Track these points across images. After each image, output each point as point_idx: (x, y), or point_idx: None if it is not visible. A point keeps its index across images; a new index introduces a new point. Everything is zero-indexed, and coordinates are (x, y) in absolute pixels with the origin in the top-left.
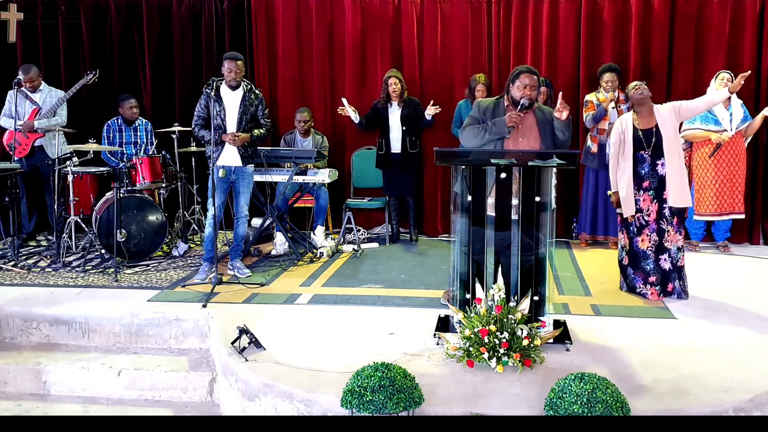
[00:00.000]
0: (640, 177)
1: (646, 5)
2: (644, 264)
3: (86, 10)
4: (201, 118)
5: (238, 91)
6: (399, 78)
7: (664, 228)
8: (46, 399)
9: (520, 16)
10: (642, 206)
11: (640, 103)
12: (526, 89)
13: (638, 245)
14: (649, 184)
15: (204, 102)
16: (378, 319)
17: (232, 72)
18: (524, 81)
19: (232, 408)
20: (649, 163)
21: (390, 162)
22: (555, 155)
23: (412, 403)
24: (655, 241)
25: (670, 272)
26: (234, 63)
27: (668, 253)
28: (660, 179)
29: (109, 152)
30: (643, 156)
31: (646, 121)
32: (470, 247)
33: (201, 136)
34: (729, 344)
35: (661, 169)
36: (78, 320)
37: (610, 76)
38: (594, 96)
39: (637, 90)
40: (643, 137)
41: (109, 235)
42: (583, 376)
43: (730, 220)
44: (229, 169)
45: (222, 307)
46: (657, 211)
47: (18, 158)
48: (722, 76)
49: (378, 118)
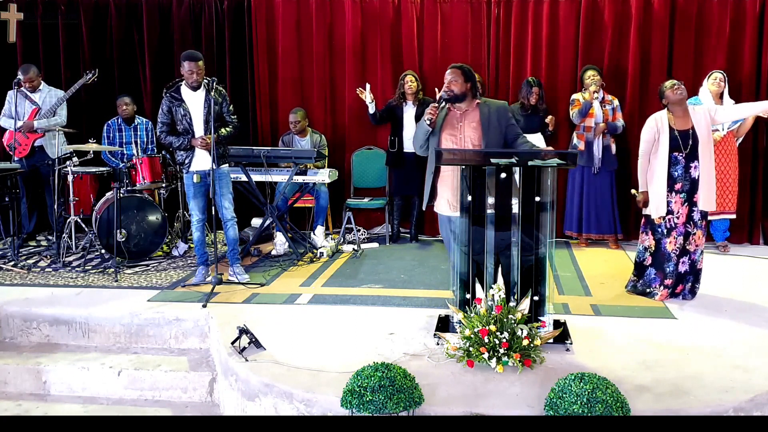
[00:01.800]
0: (673, 179)
1: (646, 5)
2: (666, 266)
3: (86, 10)
4: (165, 124)
5: (200, 91)
6: (416, 77)
7: (690, 231)
8: (46, 399)
9: (520, 16)
10: (673, 208)
11: (678, 103)
12: (447, 83)
13: (666, 247)
14: (682, 187)
15: (166, 107)
16: (378, 319)
17: (194, 73)
18: (445, 77)
19: (232, 408)
20: (683, 165)
21: (401, 161)
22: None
23: (412, 403)
24: (680, 245)
25: (685, 275)
26: (194, 63)
27: (688, 256)
28: (692, 182)
29: (109, 152)
30: (677, 158)
31: (682, 121)
32: (470, 247)
33: (169, 142)
34: (729, 344)
35: (694, 171)
36: (78, 320)
37: (592, 72)
38: (580, 95)
39: (677, 90)
40: (680, 138)
41: (109, 235)
42: (583, 376)
43: (726, 220)
44: (203, 173)
45: (222, 307)
46: (686, 214)
47: (18, 158)
48: (715, 76)
49: (392, 116)
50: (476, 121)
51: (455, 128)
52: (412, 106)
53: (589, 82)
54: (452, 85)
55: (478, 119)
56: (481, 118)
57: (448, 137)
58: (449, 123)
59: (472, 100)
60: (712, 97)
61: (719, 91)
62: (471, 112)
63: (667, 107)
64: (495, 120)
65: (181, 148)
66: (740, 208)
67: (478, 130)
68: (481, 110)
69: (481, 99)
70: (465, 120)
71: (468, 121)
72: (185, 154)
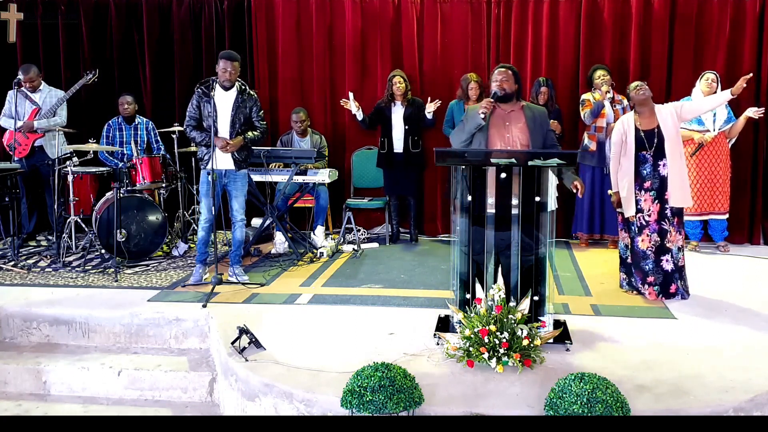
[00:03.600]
0: (642, 177)
1: (646, 5)
2: (643, 264)
3: (86, 10)
4: (193, 119)
5: (232, 91)
6: (404, 77)
7: (666, 228)
8: (46, 399)
9: (520, 16)
10: (643, 206)
11: (642, 103)
12: (498, 82)
13: (638, 245)
14: (651, 185)
15: (196, 102)
16: (378, 319)
17: (227, 72)
18: (495, 77)
19: (232, 408)
20: (651, 164)
21: (392, 161)
22: (555, 155)
23: (412, 403)
24: (656, 242)
25: (672, 273)
26: (230, 63)
27: (670, 254)
28: (662, 180)
29: (108, 153)
30: (645, 156)
31: (648, 121)
32: (470, 247)
33: (192, 137)
34: (729, 344)
35: (662, 169)
36: (78, 320)
37: (602, 72)
38: (590, 95)
39: (639, 90)
40: (645, 138)
41: (109, 235)
42: (583, 376)
43: (724, 220)
44: (219, 173)
45: (222, 307)
46: (658, 211)
47: (18, 158)
48: (707, 77)
49: (381, 117)
50: (523, 122)
51: (503, 128)
52: (401, 107)
53: (600, 81)
54: (504, 84)
55: (524, 121)
56: (527, 120)
57: (496, 135)
58: (495, 123)
59: (517, 101)
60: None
61: (711, 92)
62: (516, 113)
63: (634, 108)
64: (539, 124)
65: (203, 144)
66: (740, 209)
67: (525, 131)
68: (525, 112)
69: (525, 102)
70: (512, 121)
71: (515, 121)
72: (205, 150)
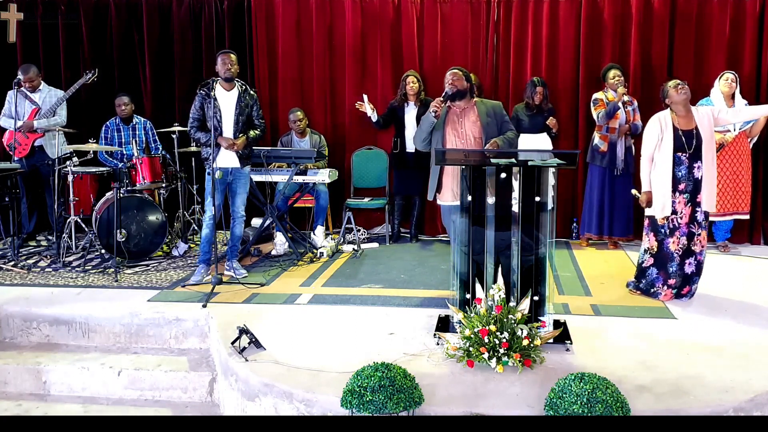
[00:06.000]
0: (677, 179)
1: (646, 5)
2: (669, 265)
3: (86, 10)
4: (196, 120)
5: (233, 92)
6: (417, 78)
7: (694, 232)
8: (46, 399)
9: (520, 16)
10: (677, 208)
11: (682, 103)
12: (450, 82)
13: (669, 246)
14: (685, 187)
15: (199, 103)
16: (378, 319)
17: (227, 63)
18: (447, 78)
19: (232, 408)
20: (687, 166)
21: (404, 161)
22: (555, 155)
23: (412, 403)
24: (683, 245)
25: (692, 276)
26: (227, 56)
27: (694, 257)
28: (696, 182)
29: (107, 153)
30: (680, 158)
31: (686, 121)
32: (470, 247)
33: (197, 138)
34: (729, 344)
35: (697, 172)
36: (78, 320)
37: (617, 72)
38: (602, 94)
39: (681, 89)
40: (684, 138)
41: (109, 235)
42: (583, 376)
43: (731, 220)
44: (226, 171)
45: (222, 307)
46: (690, 214)
47: (18, 158)
48: (726, 77)
49: (394, 117)
50: (475, 117)
51: (457, 124)
52: (414, 107)
53: (614, 82)
54: (456, 83)
55: (477, 115)
56: (480, 114)
57: (450, 132)
58: (450, 120)
59: (470, 99)
60: (724, 97)
61: (731, 92)
62: (469, 110)
63: (669, 107)
64: (492, 116)
65: (208, 144)
66: None
67: (477, 124)
68: (478, 107)
69: (477, 98)
70: (465, 117)
71: (468, 117)
72: (210, 150)
